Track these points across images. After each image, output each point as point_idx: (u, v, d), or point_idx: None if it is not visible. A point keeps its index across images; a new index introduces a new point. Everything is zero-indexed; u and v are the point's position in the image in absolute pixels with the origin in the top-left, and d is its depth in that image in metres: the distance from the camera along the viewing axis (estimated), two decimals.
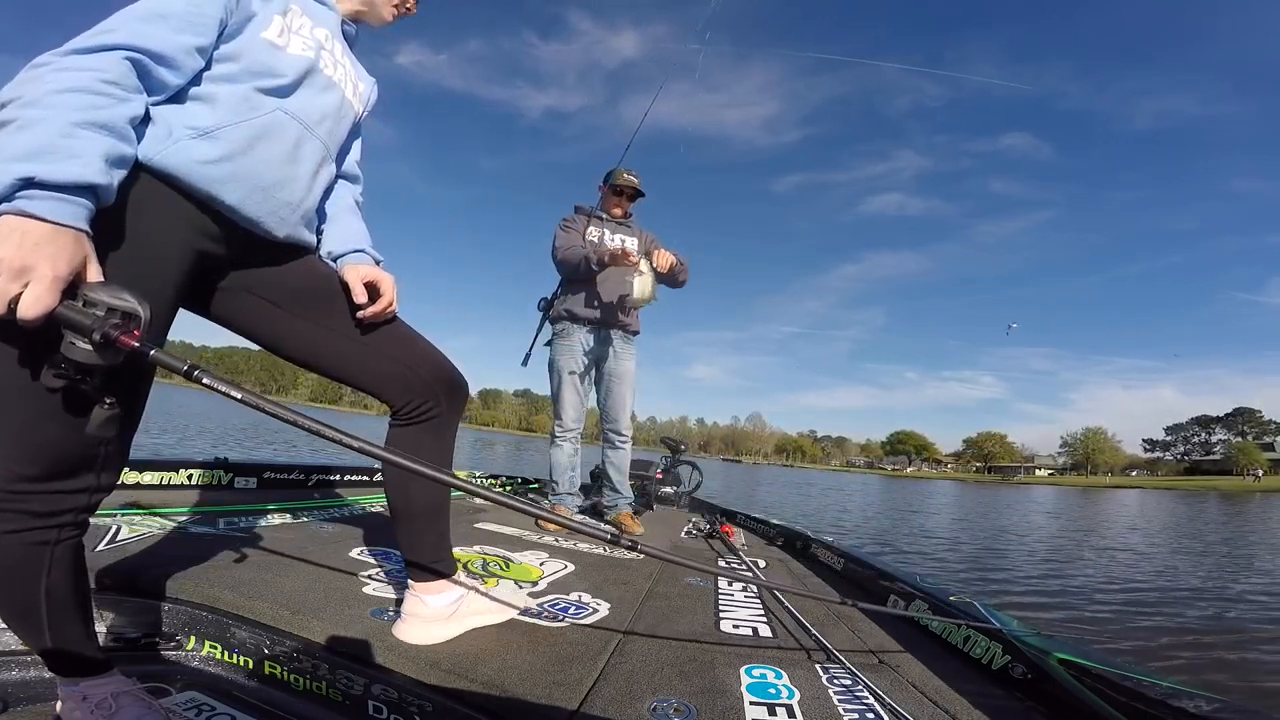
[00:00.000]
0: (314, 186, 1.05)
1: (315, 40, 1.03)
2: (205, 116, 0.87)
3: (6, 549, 0.80)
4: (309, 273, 1.09)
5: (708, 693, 1.10)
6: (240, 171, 0.90)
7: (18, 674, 1.04)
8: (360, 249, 1.18)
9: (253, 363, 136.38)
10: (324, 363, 1.11)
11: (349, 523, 2.23)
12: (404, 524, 1.21)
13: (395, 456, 0.83)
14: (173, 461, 2.42)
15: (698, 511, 3.94)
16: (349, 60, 1.14)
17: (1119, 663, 1.12)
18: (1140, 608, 4.76)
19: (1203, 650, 3.65)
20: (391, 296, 1.13)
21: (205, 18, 0.87)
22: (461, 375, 1.21)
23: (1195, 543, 10.36)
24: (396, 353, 1.14)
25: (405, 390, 1.13)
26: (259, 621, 1.18)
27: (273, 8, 0.97)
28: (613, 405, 2.96)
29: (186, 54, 0.85)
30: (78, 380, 0.69)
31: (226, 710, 1.03)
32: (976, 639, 1.41)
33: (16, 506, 0.78)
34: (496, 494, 0.93)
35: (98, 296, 0.68)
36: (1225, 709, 0.91)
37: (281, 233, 1.00)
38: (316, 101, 1.03)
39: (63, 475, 0.80)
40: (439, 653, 1.12)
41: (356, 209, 1.24)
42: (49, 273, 0.66)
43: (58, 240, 0.67)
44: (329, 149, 1.08)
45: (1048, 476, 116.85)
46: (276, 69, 0.95)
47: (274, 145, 0.95)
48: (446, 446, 1.20)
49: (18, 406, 0.76)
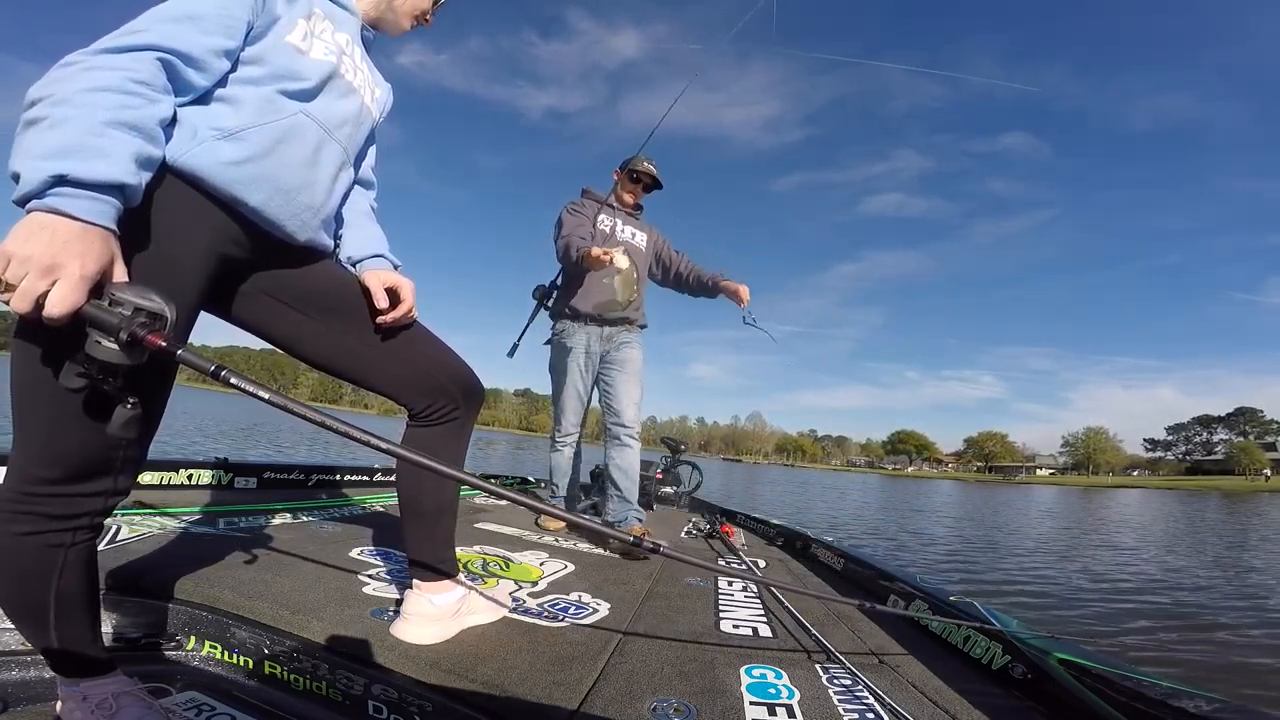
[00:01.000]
0: (334, 190, 1.06)
1: (337, 45, 1.03)
2: (229, 118, 0.88)
3: (20, 551, 0.80)
4: (328, 277, 1.10)
5: (708, 693, 1.09)
6: (263, 173, 0.91)
7: (18, 674, 1.04)
8: (380, 254, 1.19)
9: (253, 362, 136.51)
10: (343, 366, 1.11)
11: (349, 523, 2.23)
12: (412, 523, 1.22)
13: (426, 460, 0.83)
14: (173, 461, 2.42)
15: (698, 511, 3.94)
16: (367, 66, 1.14)
17: (1119, 663, 1.12)
18: (1164, 613, 4.69)
19: (1220, 651, 3.60)
20: (411, 302, 1.13)
21: (234, 20, 0.88)
22: (478, 379, 1.22)
23: (1218, 543, 10.30)
24: (415, 357, 1.14)
25: (424, 393, 1.14)
26: (259, 621, 1.18)
27: (296, 11, 0.97)
28: (617, 396, 2.68)
29: (215, 56, 0.86)
30: (100, 380, 0.69)
31: (226, 710, 1.03)
32: (976, 639, 1.41)
33: (34, 509, 0.79)
34: (517, 495, 0.93)
35: (124, 296, 0.69)
36: (1225, 709, 0.91)
37: (302, 236, 1.01)
38: (337, 106, 1.03)
39: (81, 478, 0.80)
40: (439, 653, 1.12)
41: (372, 214, 1.25)
42: (77, 271, 0.66)
43: (86, 239, 0.67)
44: (348, 153, 1.08)
45: (1049, 476, 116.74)
46: (299, 72, 0.96)
47: (296, 148, 0.95)
48: (462, 448, 1.22)
49: (41, 407, 0.76)
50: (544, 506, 1.01)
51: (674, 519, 3.55)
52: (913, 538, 8.98)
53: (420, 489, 1.21)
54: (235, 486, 2.59)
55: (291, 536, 1.85)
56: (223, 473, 2.56)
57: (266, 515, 2.14)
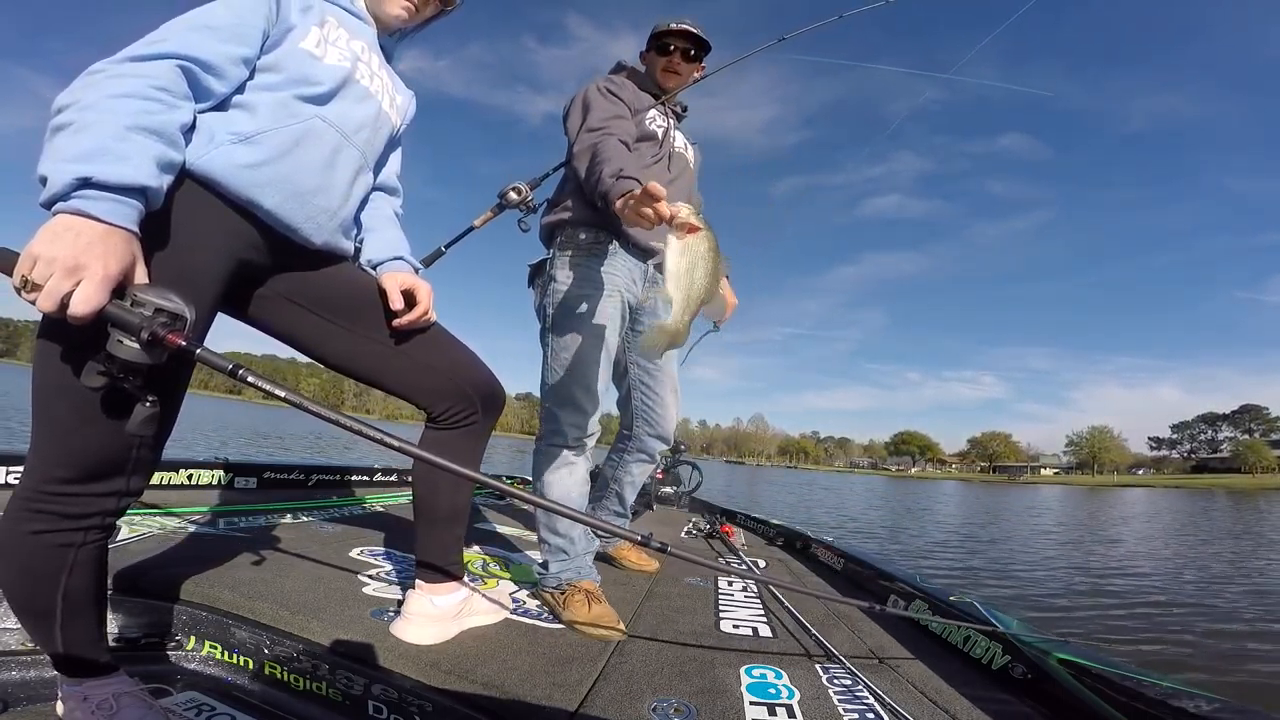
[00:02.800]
0: (351, 194, 1.06)
1: (352, 52, 1.04)
2: (246, 123, 0.90)
3: (32, 549, 0.81)
4: (346, 280, 1.10)
5: (708, 693, 1.09)
6: (278, 176, 0.92)
7: (18, 674, 1.05)
8: (399, 256, 1.19)
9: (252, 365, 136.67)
10: (361, 368, 1.12)
11: (349, 523, 2.23)
12: (425, 525, 1.23)
13: (437, 458, 0.83)
14: (173, 461, 2.42)
15: (698, 511, 3.94)
16: (386, 73, 1.14)
17: (1119, 663, 1.11)
18: (1178, 614, 4.61)
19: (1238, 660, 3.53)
20: (427, 304, 1.13)
21: (250, 29, 0.90)
22: (499, 383, 1.22)
23: (1229, 541, 10.19)
24: (434, 360, 1.15)
25: (442, 397, 1.15)
26: (259, 621, 1.18)
27: (310, 19, 0.99)
28: (660, 397, 1.87)
29: (233, 63, 0.88)
30: (121, 378, 0.71)
31: (226, 710, 1.03)
32: (976, 639, 1.40)
33: (48, 508, 0.80)
34: (533, 497, 0.93)
35: (146, 297, 0.71)
36: (1225, 709, 0.90)
37: (319, 240, 1.02)
38: (353, 111, 1.04)
39: (96, 477, 0.81)
40: (439, 653, 1.13)
41: (395, 220, 1.26)
42: (100, 271, 0.68)
43: (109, 240, 0.69)
44: (366, 158, 1.09)
45: (1053, 476, 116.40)
46: (314, 77, 0.97)
47: (312, 151, 0.96)
48: (479, 452, 1.22)
49: (61, 406, 0.78)
50: (554, 506, 0.97)
51: (674, 519, 3.55)
52: (931, 542, 8.82)
53: (436, 492, 1.21)
54: (235, 486, 2.59)
55: (291, 536, 1.85)
56: (223, 473, 2.56)
57: (266, 515, 2.14)
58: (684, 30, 1.72)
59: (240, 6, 0.90)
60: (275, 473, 2.78)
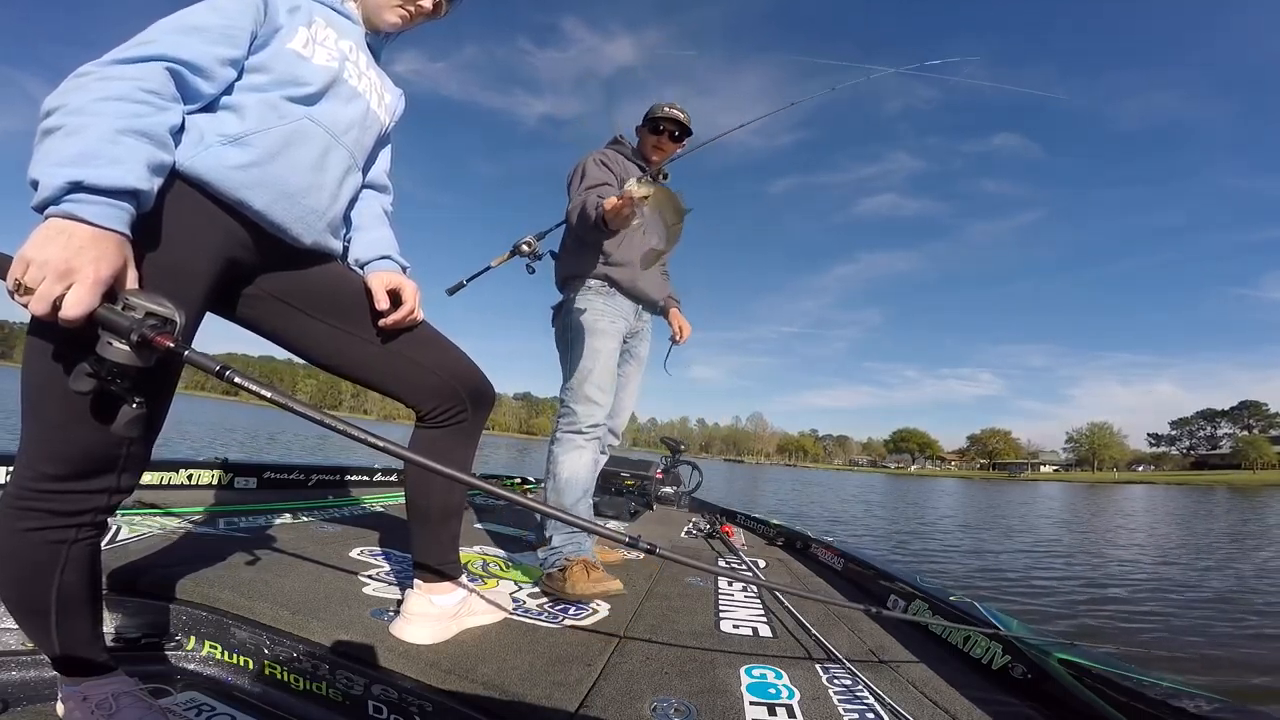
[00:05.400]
0: (340, 194, 1.06)
1: (339, 51, 1.04)
2: (234, 124, 0.90)
3: (24, 546, 0.81)
4: (335, 279, 1.10)
5: (708, 693, 1.09)
6: (268, 177, 0.92)
7: (18, 674, 1.05)
8: (386, 256, 1.19)
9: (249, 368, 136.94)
10: (349, 367, 1.12)
11: (349, 523, 2.24)
12: (419, 525, 1.23)
13: (432, 462, 0.84)
14: (173, 461, 2.42)
15: (698, 511, 3.94)
16: (374, 72, 1.14)
17: (1119, 663, 1.11)
18: (1179, 614, 4.59)
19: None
20: (413, 304, 1.13)
21: (238, 30, 0.90)
22: (488, 382, 1.22)
23: (1230, 540, 10.18)
24: (422, 359, 1.15)
25: (431, 395, 1.15)
26: (259, 621, 1.18)
27: (298, 20, 0.99)
28: (616, 403, 2.15)
29: (220, 65, 0.88)
30: (109, 380, 0.71)
31: (226, 710, 1.04)
32: (976, 639, 1.40)
33: (39, 505, 0.80)
34: (521, 497, 0.93)
35: (136, 300, 0.71)
36: (1225, 709, 0.90)
37: (308, 239, 1.01)
38: (342, 111, 1.04)
39: (86, 475, 0.81)
40: (439, 653, 1.13)
41: (385, 218, 1.25)
42: (91, 275, 0.68)
43: (101, 244, 0.69)
44: (355, 158, 1.09)
45: (1053, 473, 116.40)
46: (302, 78, 0.97)
47: (301, 152, 0.96)
48: (470, 451, 1.22)
49: (50, 406, 0.78)
50: (545, 508, 1.00)
51: (674, 519, 3.55)
52: (940, 544, 8.75)
53: (428, 492, 1.21)
54: (235, 486, 2.59)
55: (291, 536, 1.85)
56: (223, 473, 2.56)
57: (266, 515, 2.14)
58: (674, 117, 2.19)
59: (228, 8, 0.90)
60: (275, 473, 2.78)
